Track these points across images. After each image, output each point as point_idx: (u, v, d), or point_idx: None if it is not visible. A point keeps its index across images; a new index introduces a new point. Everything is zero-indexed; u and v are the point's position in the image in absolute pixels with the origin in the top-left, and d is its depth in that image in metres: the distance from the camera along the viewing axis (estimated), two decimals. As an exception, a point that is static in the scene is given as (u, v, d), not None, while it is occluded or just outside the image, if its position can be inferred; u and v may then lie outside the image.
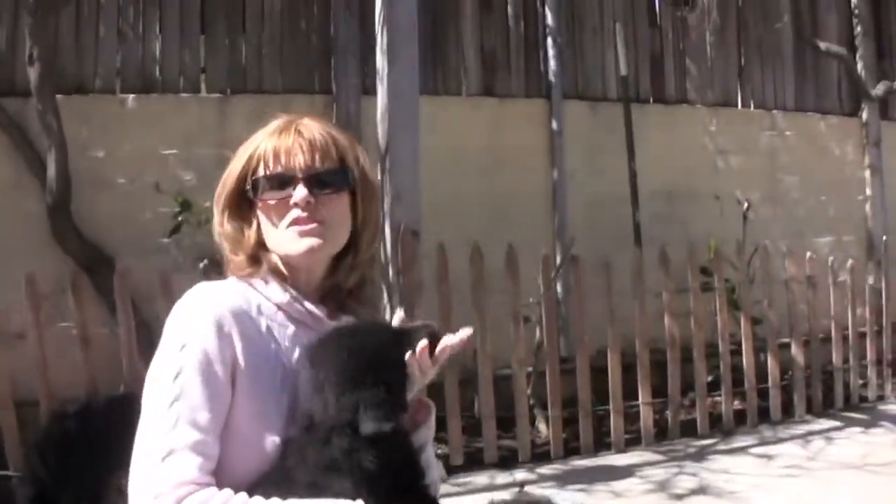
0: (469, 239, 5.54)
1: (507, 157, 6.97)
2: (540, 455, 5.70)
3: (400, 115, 5.25)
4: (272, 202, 1.69)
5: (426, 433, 1.74)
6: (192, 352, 1.57)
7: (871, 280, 8.10)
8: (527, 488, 5.03)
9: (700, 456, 5.74)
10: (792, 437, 6.17)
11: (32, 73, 5.74)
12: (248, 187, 1.71)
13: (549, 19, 7.29)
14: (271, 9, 6.60)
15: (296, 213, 1.67)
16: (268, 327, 1.66)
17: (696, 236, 6.98)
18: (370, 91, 6.22)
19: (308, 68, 6.65)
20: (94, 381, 4.82)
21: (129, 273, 5.10)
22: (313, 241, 1.67)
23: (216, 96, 6.45)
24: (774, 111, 8.50)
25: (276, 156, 1.69)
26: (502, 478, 5.30)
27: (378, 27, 5.33)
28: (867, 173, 8.93)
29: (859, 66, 8.92)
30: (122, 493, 1.62)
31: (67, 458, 4.40)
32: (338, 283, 1.76)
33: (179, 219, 5.85)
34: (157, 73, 6.36)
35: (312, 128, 1.73)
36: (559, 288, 6.50)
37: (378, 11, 5.31)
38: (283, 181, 1.68)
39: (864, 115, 8.95)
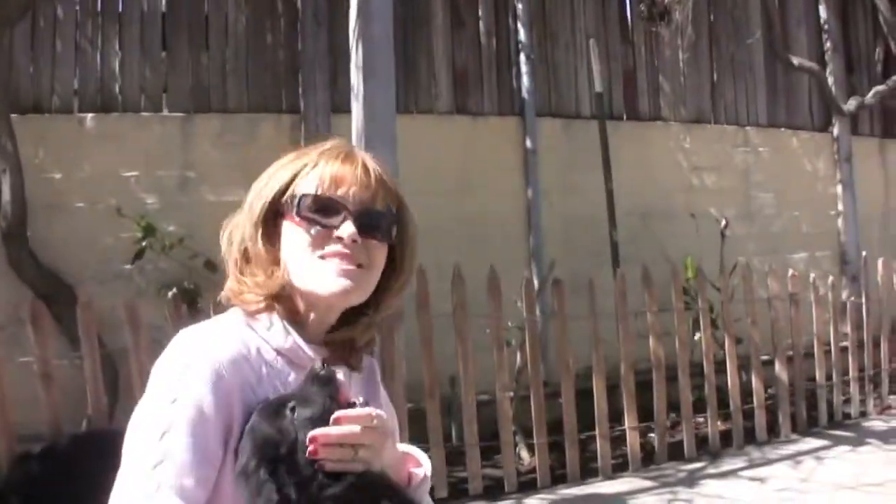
0: (443, 262, 5.31)
1: (480, 177, 6.78)
2: (525, 484, 5.47)
3: (376, 133, 5.03)
4: (312, 227, 1.50)
5: (423, 488, 1.58)
6: (184, 408, 1.38)
7: (844, 295, 8.02)
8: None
9: (691, 481, 5.54)
10: (781, 458, 6.01)
11: (-15, 93, 5.45)
12: (285, 200, 1.52)
13: (522, 35, 7.15)
14: (235, 24, 6.38)
15: (337, 248, 1.49)
16: (266, 374, 1.48)
17: (673, 255, 6.86)
18: (340, 108, 6.10)
19: (275, 86, 6.43)
20: (57, 419, 4.51)
21: (92, 305, 4.80)
22: (349, 284, 1.49)
23: (179, 115, 6.19)
24: (747, 127, 8.42)
25: (334, 180, 1.52)
26: (488, 509, 5.07)
27: (353, 41, 5.13)
28: (839, 188, 8.95)
29: (830, 81, 8.87)
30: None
31: (34, 501, 4.13)
32: (352, 338, 1.59)
33: (143, 244, 5.61)
34: (117, 91, 6.11)
35: (373, 164, 1.57)
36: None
37: (352, 25, 5.11)
38: (333, 209, 1.51)
39: (836, 131, 8.98)
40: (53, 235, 5.74)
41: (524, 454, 5.80)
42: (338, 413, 1.35)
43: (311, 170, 1.51)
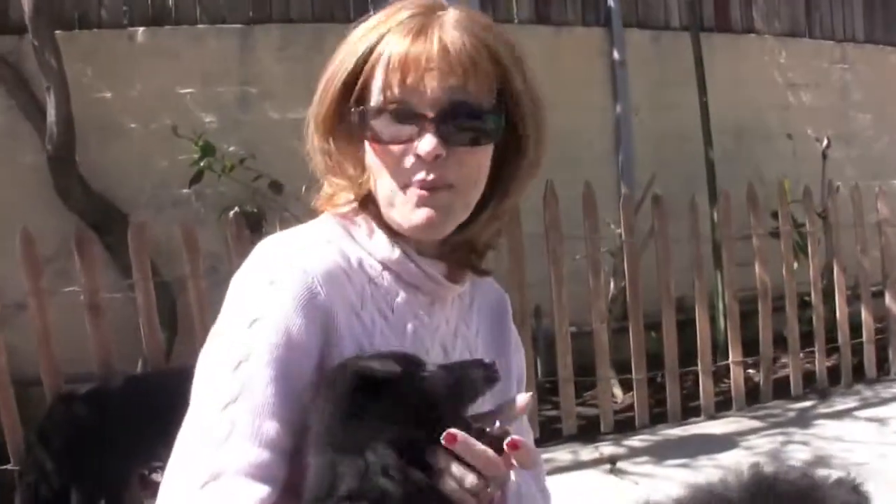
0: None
1: (565, 92, 6.16)
2: (621, 423, 5.00)
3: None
4: (384, 146, 1.19)
5: (523, 480, 1.28)
6: (268, 332, 1.11)
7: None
8: (619, 464, 4.34)
9: (803, 421, 5.05)
10: (895, 398, 5.47)
11: (27, 5, 4.99)
12: (352, 110, 1.20)
13: (607, -61, 6.52)
14: (300, -77, 5.83)
15: (417, 170, 1.17)
16: (371, 294, 1.21)
17: (769, 177, 6.32)
18: (415, 18, 5.56)
19: (340, -7, 5.88)
20: (108, 356, 4.10)
21: (146, 228, 4.38)
22: (432, 215, 1.18)
23: (238, 27, 5.69)
24: (844, 43, 7.77)
25: (401, 70, 1.16)
26: (586, 453, 4.62)
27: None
28: (941, 110, 8.26)
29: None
30: (148, 485, 1.24)
31: (77, 446, 3.71)
32: (469, 239, 1.28)
33: (201, 165, 5.17)
34: (171, 2, 5.60)
35: (462, 29, 1.17)
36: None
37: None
38: (404, 116, 1.17)
39: (938, 48, 8.27)
40: (104, 160, 5.31)
41: (617, 391, 5.34)
42: (511, 437, 1.03)
43: (375, 56, 1.18)
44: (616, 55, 6.41)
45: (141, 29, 5.52)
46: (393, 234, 1.23)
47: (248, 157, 5.15)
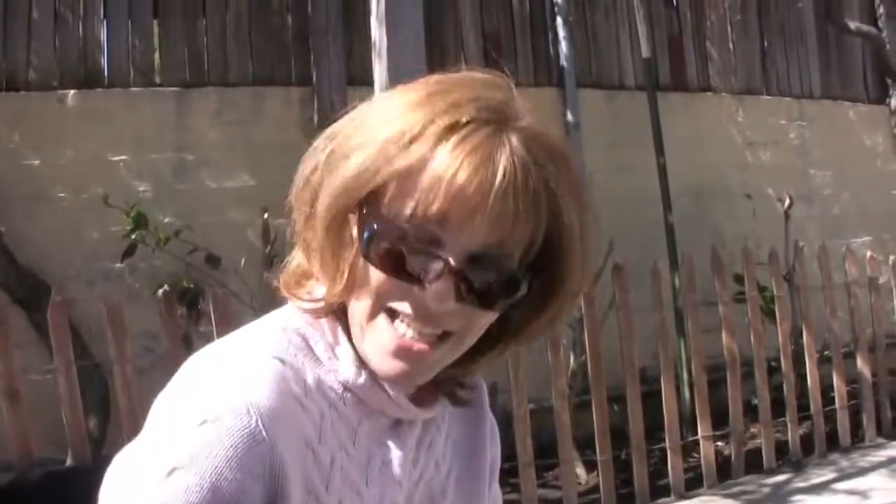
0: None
1: (517, 155, 6.04)
2: (586, 506, 4.71)
3: (404, 97, 4.26)
4: (390, 276, 0.95)
5: None
6: (189, 489, 0.85)
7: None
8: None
9: (779, 498, 4.81)
10: (874, 466, 5.28)
11: (-50, 68, 4.73)
12: (363, 212, 0.95)
13: (557, -5, 6.39)
14: (237, -15, 5.63)
15: (416, 309, 0.95)
16: (331, 423, 0.98)
17: (729, 238, 6.18)
18: (358, 80, 5.41)
19: (282, 55, 5.66)
20: (28, 447, 3.75)
21: (67, 305, 4.06)
22: (410, 370, 0.97)
23: (173, 90, 5.43)
24: (802, 99, 7.69)
25: (446, 201, 0.91)
26: (551, 540, 4.30)
27: (372, -10, 4.37)
28: (900, 165, 8.22)
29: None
30: None
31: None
32: (454, 376, 1.07)
33: (133, 238, 4.84)
34: (104, 64, 5.35)
35: (529, 160, 0.93)
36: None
37: (370, -29, 4.35)
38: (424, 252, 0.93)
39: (893, 102, 8.28)
40: (31, 230, 5.00)
41: (581, 472, 5.04)
42: None
43: (422, 164, 0.91)
44: (570, 117, 6.23)
45: (72, 92, 5.24)
46: (359, 355, 1.00)
47: (184, 228, 4.87)
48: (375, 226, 0.92)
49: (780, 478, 5.13)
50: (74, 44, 5.29)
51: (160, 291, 4.04)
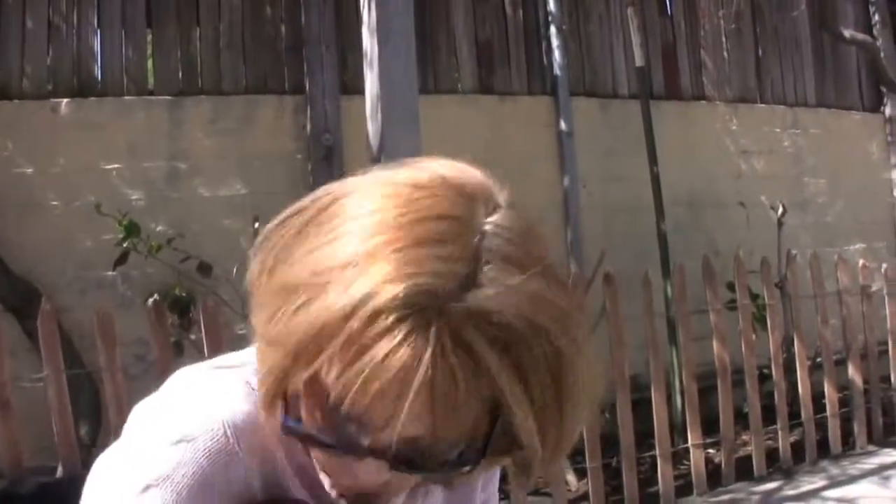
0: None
1: (510, 164, 5.90)
2: (576, 514, 4.71)
3: (396, 107, 4.28)
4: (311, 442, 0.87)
5: None
6: None
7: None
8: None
9: (770, 506, 4.78)
10: (864, 474, 5.25)
11: (-57, 76, 4.74)
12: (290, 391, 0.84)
13: (551, 5, 6.40)
14: (230, -6, 5.64)
15: (351, 485, 0.87)
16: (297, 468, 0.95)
17: (723, 247, 6.19)
18: (351, 89, 5.45)
19: (275, 64, 5.67)
20: (18, 456, 3.75)
21: (57, 313, 4.06)
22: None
23: (166, 99, 5.44)
24: (796, 107, 7.70)
25: (372, 386, 0.77)
26: (539, 548, 4.30)
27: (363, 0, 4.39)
28: (894, 173, 8.24)
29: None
30: None
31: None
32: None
33: (125, 246, 4.85)
34: (97, 72, 5.37)
35: (463, 351, 0.78)
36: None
37: (362, -19, 4.37)
38: (347, 444, 0.83)
39: (888, 111, 8.28)
40: (24, 238, 5.01)
41: (571, 479, 5.04)
42: None
43: (334, 338, 0.78)
44: (563, 125, 6.23)
45: (65, 100, 5.25)
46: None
47: (177, 237, 4.87)
48: (297, 425, 0.84)
49: (771, 485, 5.12)
50: (68, 52, 5.31)
51: (150, 300, 4.02)
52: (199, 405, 0.90)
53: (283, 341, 0.80)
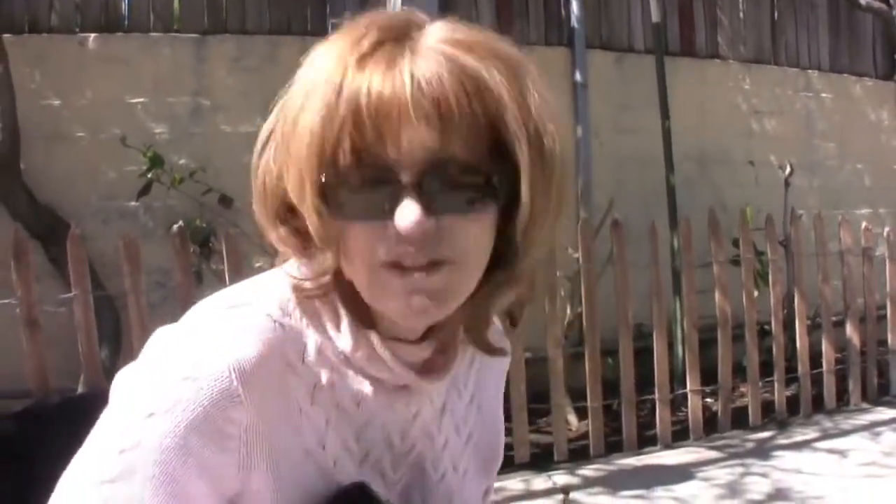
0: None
1: (525, 112, 6.12)
2: (575, 452, 4.86)
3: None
4: (357, 221, 0.91)
5: None
6: (164, 433, 0.90)
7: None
8: (572, 495, 4.20)
9: (762, 452, 4.93)
10: (856, 429, 5.39)
11: (-27, 8, 4.84)
12: (322, 179, 0.90)
13: (571, -43, 6.46)
14: (255, -66, 5.70)
15: (399, 245, 0.90)
16: (331, 383, 0.98)
17: (731, 204, 6.26)
18: (370, 32, 5.46)
19: (298, 5, 5.76)
20: (44, 374, 3.91)
21: (85, 238, 4.20)
22: (426, 304, 0.91)
23: (192, 37, 5.54)
24: (809, 70, 7.76)
25: (365, 124, 0.87)
26: (539, 482, 4.46)
27: (386, -56, 4.48)
28: (904, 141, 8.30)
29: (895, 25, 8.24)
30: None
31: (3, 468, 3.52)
32: (468, 316, 1.02)
33: (149, 177, 4.99)
34: (124, 9, 5.45)
35: (440, 58, 0.89)
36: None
37: (387, -76, 4.46)
38: (374, 183, 0.89)
39: (901, 79, 8.31)
40: (51, 168, 5.15)
41: (572, 419, 5.20)
42: None
43: (341, 107, 0.88)
44: (578, 77, 6.32)
45: (92, 35, 5.36)
46: (365, 318, 0.99)
47: (199, 170, 5.00)
48: (323, 178, 0.90)
49: (764, 434, 5.26)
50: (96, -12, 5.40)
51: (175, 227, 4.16)
52: (211, 346, 0.92)
53: (300, 141, 0.90)
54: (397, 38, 0.90)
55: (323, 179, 0.89)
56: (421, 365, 1.02)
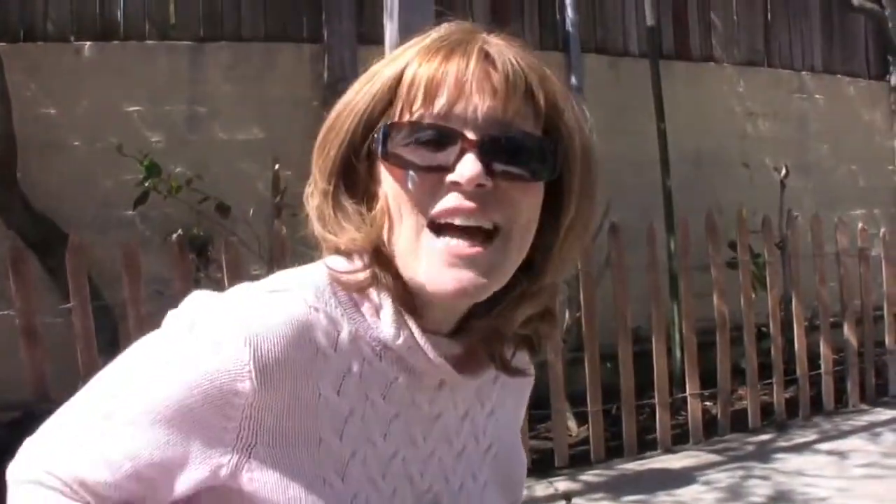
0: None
1: (520, 117, 6.13)
2: (576, 457, 4.87)
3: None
4: (414, 170, 0.95)
5: None
6: (171, 375, 0.95)
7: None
8: (574, 501, 4.20)
9: (762, 455, 4.95)
10: (855, 430, 5.42)
11: (-31, 17, 4.83)
12: (375, 136, 0.97)
13: (565, -38, 6.47)
14: (251, -58, 5.71)
15: (454, 199, 0.94)
16: (361, 374, 0.98)
17: (726, 206, 6.26)
18: (368, 39, 5.50)
19: (294, 12, 5.77)
20: (42, 384, 3.90)
21: (85, 248, 4.18)
22: (468, 277, 0.94)
23: (188, 44, 5.54)
24: (803, 72, 7.78)
25: (437, 87, 0.95)
26: (541, 488, 4.47)
27: (383, -49, 4.48)
28: (896, 142, 8.32)
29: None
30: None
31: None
32: (496, 323, 1.02)
33: (146, 185, 4.98)
34: (120, 17, 5.45)
35: (506, 52, 0.97)
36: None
37: (383, -67, 4.46)
38: (440, 138, 0.94)
39: (894, 80, 8.36)
40: (47, 177, 5.12)
41: (572, 424, 5.20)
42: None
43: (403, 80, 0.96)
44: (573, 80, 6.33)
45: (88, 43, 5.35)
46: (405, 307, 0.99)
47: (195, 178, 4.99)
48: (391, 126, 0.95)
49: (764, 437, 5.28)
50: (92, -4, 5.39)
51: (174, 236, 4.15)
52: (236, 320, 0.94)
53: (373, 88, 0.99)
54: (463, 33, 0.99)
55: (376, 135, 0.96)
56: (454, 361, 1.02)
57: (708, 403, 5.50)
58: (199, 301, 0.99)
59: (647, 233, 5.06)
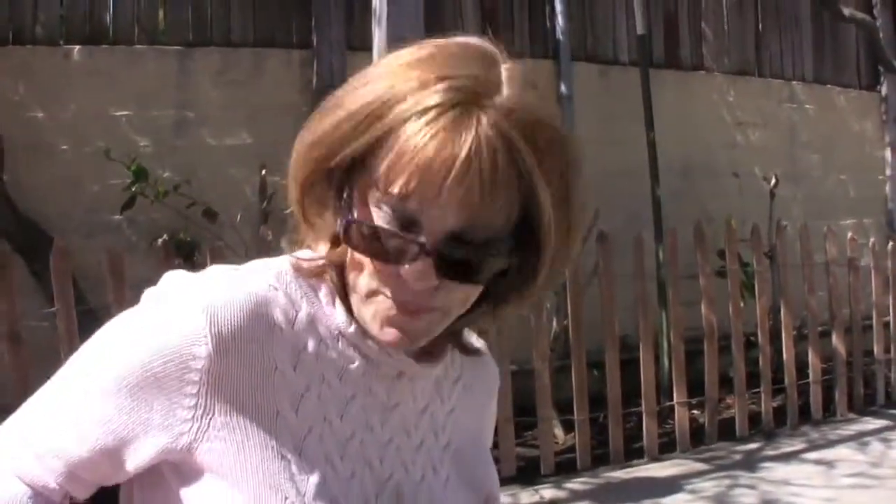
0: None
1: (510, 125, 6.12)
2: (562, 465, 4.86)
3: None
4: (370, 258, 0.96)
5: None
6: (132, 344, 0.98)
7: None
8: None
9: (749, 464, 4.95)
10: (842, 440, 5.44)
11: (-43, 20, 4.81)
12: (343, 196, 0.97)
13: (556, -30, 6.48)
14: (241, -53, 5.70)
15: (398, 289, 0.95)
16: (317, 354, 1.01)
17: (716, 215, 6.30)
18: (357, 45, 5.50)
19: (283, 18, 5.75)
20: (27, 388, 3.85)
21: (69, 252, 4.16)
22: (403, 338, 0.97)
23: (177, 49, 5.52)
24: (793, 82, 7.80)
25: (414, 176, 0.89)
26: (526, 496, 4.46)
27: (372, -43, 4.48)
28: (887, 152, 8.36)
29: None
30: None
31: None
32: (455, 331, 1.08)
33: (133, 190, 4.96)
34: (109, 21, 5.42)
35: (505, 128, 0.89)
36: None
37: (372, -62, 4.46)
38: (402, 239, 0.93)
39: (884, 90, 8.37)
40: (33, 181, 5.09)
41: (559, 432, 5.19)
42: None
43: (394, 136, 0.90)
44: (563, 89, 6.33)
45: (77, 47, 5.33)
46: (349, 312, 1.01)
47: (183, 183, 4.98)
48: (352, 214, 0.94)
49: (752, 446, 5.28)
50: (81, 0, 5.37)
51: (159, 240, 4.14)
52: (199, 291, 0.97)
53: (345, 108, 0.93)
54: (465, 105, 0.89)
55: (350, 219, 0.94)
56: (413, 350, 1.03)
57: (695, 412, 5.50)
58: (171, 278, 1.04)
59: (636, 242, 5.05)
